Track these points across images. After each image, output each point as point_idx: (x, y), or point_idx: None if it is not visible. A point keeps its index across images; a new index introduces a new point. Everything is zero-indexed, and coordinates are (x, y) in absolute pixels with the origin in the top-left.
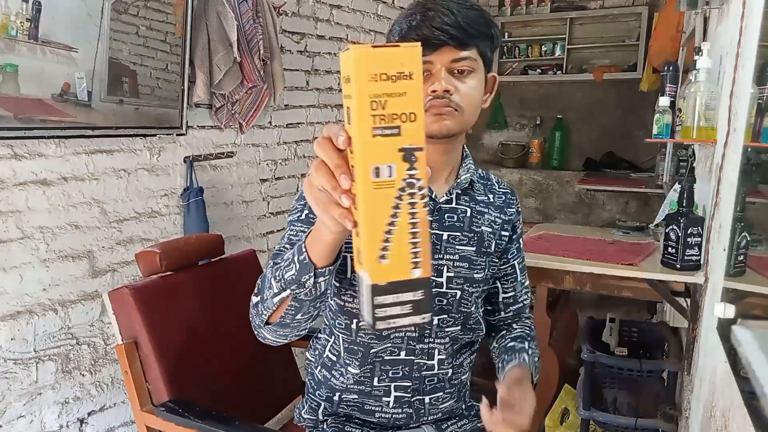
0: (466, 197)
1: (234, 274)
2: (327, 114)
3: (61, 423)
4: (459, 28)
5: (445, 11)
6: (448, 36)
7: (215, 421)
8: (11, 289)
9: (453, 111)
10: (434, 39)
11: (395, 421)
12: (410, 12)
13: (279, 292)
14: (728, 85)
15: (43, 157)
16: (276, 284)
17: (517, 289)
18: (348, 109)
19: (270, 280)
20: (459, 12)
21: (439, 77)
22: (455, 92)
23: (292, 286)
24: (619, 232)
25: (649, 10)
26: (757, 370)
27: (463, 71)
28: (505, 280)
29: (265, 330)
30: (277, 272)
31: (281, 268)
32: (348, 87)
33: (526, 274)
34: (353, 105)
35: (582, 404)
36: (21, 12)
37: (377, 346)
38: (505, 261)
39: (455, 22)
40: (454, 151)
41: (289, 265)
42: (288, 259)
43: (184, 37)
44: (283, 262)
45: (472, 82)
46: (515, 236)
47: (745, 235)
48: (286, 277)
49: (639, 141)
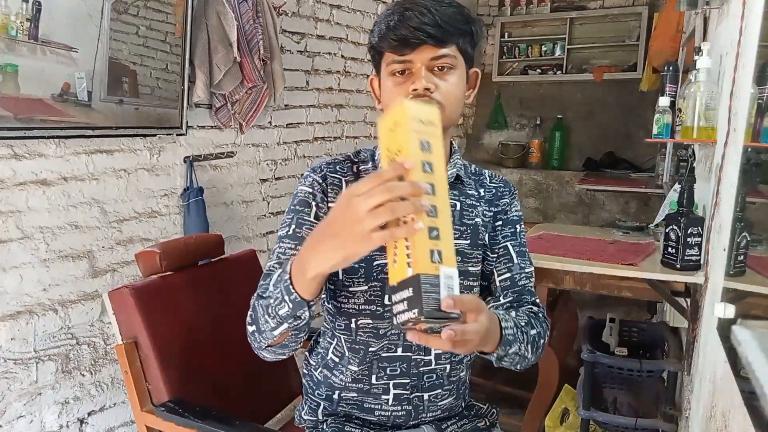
0: (455, 191)
1: (234, 274)
2: (327, 114)
3: (61, 423)
4: (436, 27)
5: (423, 10)
6: (426, 35)
7: (215, 421)
8: (11, 289)
9: None
10: (413, 38)
11: (395, 419)
12: (389, 12)
13: (276, 326)
14: (728, 85)
15: (43, 157)
16: (272, 321)
17: (514, 271)
18: (399, 152)
19: (264, 316)
20: (437, 10)
21: (419, 76)
22: (436, 90)
23: (289, 320)
24: (619, 232)
25: (649, 10)
26: (757, 370)
27: (443, 68)
28: (498, 263)
29: (265, 351)
30: (269, 309)
31: (272, 306)
32: (399, 131)
33: (529, 262)
34: (432, 140)
35: (582, 404)
36: (21, 12)
37: (375, 344)
38: (496, 243)
39: (433, 21)
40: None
41: (280, 303)
42: (278, 297)
43: (184, 37)
44: (273, 300)
45: (453, 78)
46: (507, 219)
47: (745, 235)
48: (281, 314)
49: (639, 141)
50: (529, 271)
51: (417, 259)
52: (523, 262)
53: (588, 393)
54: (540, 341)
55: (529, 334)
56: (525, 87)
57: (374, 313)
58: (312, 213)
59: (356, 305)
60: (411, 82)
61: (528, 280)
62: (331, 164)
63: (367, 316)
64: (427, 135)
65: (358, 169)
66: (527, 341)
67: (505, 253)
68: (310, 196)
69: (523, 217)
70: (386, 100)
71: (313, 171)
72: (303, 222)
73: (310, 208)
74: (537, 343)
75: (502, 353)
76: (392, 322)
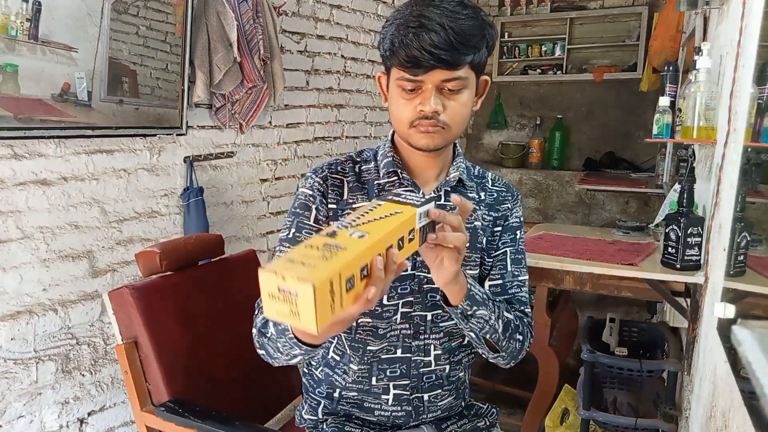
0: (455, 194)
1: (234, 274)
2: (327, 114)
3: (61, 423)
4: (451, 50)
5: (438, 28)
6: (438, 60)
7: (215, 421)
8: (11, 289)
9: (440, 129)
10: (424, 62)
11: (395, 420)
12: (401, 23)
13: (290, 359)
14: (728, 85)
15: (43, 157)
16: (284, 357)
17: (506, 279)
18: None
19: (276, 353)
20: (452, 28)
21: (428, 96)
22: (444, 111)
23: (304, 357)
24: (619, 232)
25: (649, 10)
26: (757, 370)
27: (454, 89)
28: (493, 268)
29: (275, 362)
30: (283, 348)
31: (287, 346)
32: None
33: (522, 269)
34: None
35: (582, 404)
36: (21, 12)
37: (374, 344)
38: (495, 248)
39: (447, 43)
40: (443, 155)
41: (292, 348)
42: (286, 345)
43: (184, 37)
44: (282, 345)
45: (463, 97)
46: (507, 225)
47: (745, 235)
48: (294, 353)
49: (639, 141)
50: (522, 279)
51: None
52: (516, 270)
53: (588, 393)
54: (517, 334)
55: (503, 314)
56: (525, 87)
57: (373, 313)
58: (312, 216)
59: None
60: (419, 101)
61: (519, 288)
62: (333, 165)
63: (367, 315)
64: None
65: (360, 169)
66: (499, 316)
67: (502, 259)
68: (310, 199)
69: (524, 223)
70: (393, 110)
71: (314, 172)
72: (302, 226)
73: (309, 212)
74: (512, 330)
75: (468, 310)
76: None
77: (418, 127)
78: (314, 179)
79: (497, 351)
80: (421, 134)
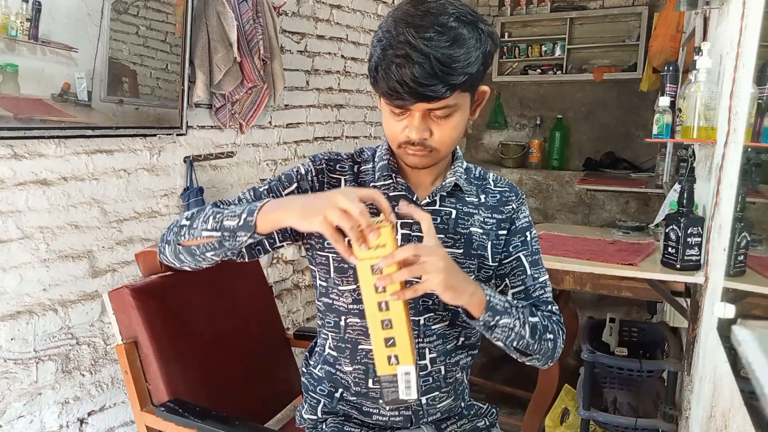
0: (452, 199)
1: (234, 274)
2: (327, 114)
3: (61, 423)
4: (434, 84)
5: (421, 59)
6: (420, 96)
7: (215, 421)
8: (11, 289)
9: (428, 153)
10: (407, 96)
11: (392, 424)
12: (387, 45)
13: (211, 230)
14: (728, 85)
15: (43, 157)
16: (212, 223)
17: (528, 283)
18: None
19: (208, 217)
20: (438, 58)
21: (414, 124)
22: (431, 137)
23: (225, 233)
24: (619, 232)
25: (649, 10)
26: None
27: (442, 116)
28: (512, 276)
29: (171, 247)
30: (218, 215)
31: (225, 215)
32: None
33: (541, 269)
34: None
35: (582, 404)
36: (21, 12)
37: (365, 343)
38: (507, 255)
39: (430, 76)
40: (439, 163)
41: (233, 218)
42: (236, 213)
43: (184, 37)
44: (229, 212)
45: (453, 122)
46: (515, 228)
47: (745, 235)
48: (225, 224)
49: (639, 141)
50: (543, 280)
51: (379, 365)
52: (536, 272)
53: (588, 393)
54: (547, 334)
55: (528, 319)
56: (525, 87)
57: (362, 312)
58: (288, 191)
59: (345, 304)
60: (406, 126)
61: (543, 290)
62: (333, 162)
63: (356, 315)
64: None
65: (359, 170)
66: (524, 322)
67: (519, 264)
68: (297, 176)
69: (532, 223)
70: (384, 125)
71: (313, 161)
72: (275, 192)
73: (290, 185)
74: (540, 332)
75: (490, 321)
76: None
77: (406, 149)
78: (311, 167)
79: (529, 355)
80: (409, 155)
